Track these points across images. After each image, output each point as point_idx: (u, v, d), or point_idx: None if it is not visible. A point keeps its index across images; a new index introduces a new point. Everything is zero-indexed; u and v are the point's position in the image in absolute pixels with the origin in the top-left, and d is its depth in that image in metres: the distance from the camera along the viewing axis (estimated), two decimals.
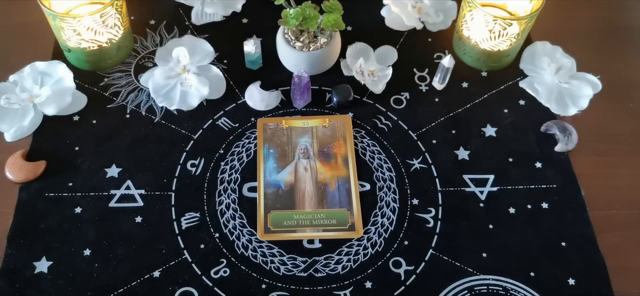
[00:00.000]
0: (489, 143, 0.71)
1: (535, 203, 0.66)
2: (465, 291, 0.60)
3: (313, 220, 0.64)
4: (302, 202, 0.65)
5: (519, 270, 0.61)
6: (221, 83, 0.75)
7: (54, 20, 0.70)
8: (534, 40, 0.80)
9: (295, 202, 0.65)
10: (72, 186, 0.66)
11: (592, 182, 0.68)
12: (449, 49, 0.81)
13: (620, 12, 0.88)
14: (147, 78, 0.74)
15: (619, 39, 0.84)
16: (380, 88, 0.74)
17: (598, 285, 0.61)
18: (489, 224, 0.65)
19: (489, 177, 0.68)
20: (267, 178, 0.67)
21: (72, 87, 0.72)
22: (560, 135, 0.71)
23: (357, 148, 0.70)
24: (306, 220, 0.64)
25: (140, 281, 0.60)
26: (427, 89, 0.76)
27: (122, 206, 0.65)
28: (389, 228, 0.64)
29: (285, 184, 0.67)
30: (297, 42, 0.74)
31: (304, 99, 0.73)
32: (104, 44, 0.73)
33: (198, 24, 0.81)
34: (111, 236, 0.62)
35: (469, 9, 0.74)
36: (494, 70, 0.78)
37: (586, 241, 0.64)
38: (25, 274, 0.60)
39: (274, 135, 0.71)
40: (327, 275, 0.61)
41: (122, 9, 0.73)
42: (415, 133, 0.72)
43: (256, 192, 0.66)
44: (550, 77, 0.75)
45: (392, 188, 0.67)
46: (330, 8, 0.71)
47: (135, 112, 0.72)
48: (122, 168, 0.67)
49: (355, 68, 0.73)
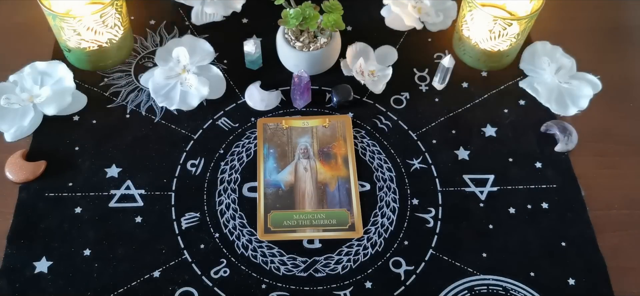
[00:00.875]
0: (489, 143, 0.71)
1: (535, 203, 0.66)
2: (465, 291, 0.60)
3: (313, 220, 0.64)
4: (302, 202, 0.65)
5: (519, 270, 0.61)
6: (221, 83, 0.75)
7: (54, 20, 0.70)
8: (534, 40, 0.80)
9: (295, 202, 0.65)
10: (72, 186, 0.66)
11: (592, 182, 0.68)
12: (449, 49, 0.81)
13: (620, 12, 0.88)
14: (147, 78, 0.74)
15: (619, 39, 0.84)
16: (380, 88, 0.74)
17: (598, 285, 0.61)
18: (489, 224, 0.65)
19: (489, 177, 0.68)
20: (267, 178, 0.67)
21: (72, 87, 0.72)
22: (560, 135, 0.71)
23: (357, 148, 0.70)
24: (306, 220, 0.64)
25: (140, 281, 0.60)
26: (427, 89, 0.76)
27: (122, 206, 0.65)
28: (389, 228, 0.64)
29: (285, 184, 0.67)
30: (297, 42, 0.74)
31: (304, 99, 0.73)
32: (104, 44, 0.73)
33: (198, 24, 0.81)
34: (111, 236, 0.62)
35: (469, 9, 0.74)
36: (494, 70, 0.78)
37: (586, 241, 0.64)
38: (25, 274, 0.60)
39: (274, 135, 0.71)
40: (327, 275, 0.61)
41: (122, 9, 0.73)
42: (415, 133, 0.72)
43: (256, 192, 0.66)
44: (550, 77, 0.75)
45: (392, 188, 0.67)
46: (330, 8, 0.71)
47: (135, 112, 0.72)
48: (122, 168, 0.67)
49: (355, 68, 0.73)
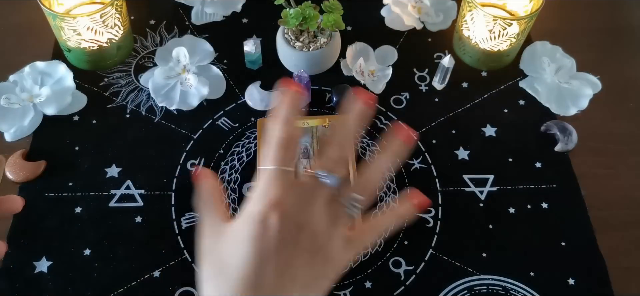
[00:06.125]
0: (488, 143, 0.71)
1: (535, 203, 0.66)
2: (465, 291, 0.60)
3: None
4: None
5: (519, 270, 0.61)
6: (221, 83, 0.75)
7: (54, 20, 0.70)
8: (534, 40, 0.80)
9: None
10: (72, 186, 0.66)
11: (592, 182, 0.68)
12: (449, 49, 0.81)
13: (620, 12, 0.88)
14: (147, 78, 0.74)
15: (619, 39, 0.84)
16: (380, 88, 0.74)
17: (598, 285, 0.61)
18: (489, 224, 0.65)
19: (489, 177, 0.68)
20: None
21: (72, 87, 0.72)
22: (560, 135, 0.71)
23: (357, 148, 0.70)
24: None
25: (140, 281, 0.60)
26: (427, 89, 0.76)
27: (122, 206, 0.65)
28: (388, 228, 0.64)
29: None
30: (297, 42, 0.74)
31: (303, 99, 0.73)
32: (104, 44, 0.73)
33: (198, 24, 0.81)
34: (111, 236, 0.62)
35: (468, 9, 0.74)
36: (494, 70, 0.78)
37: (586, 241, 0.64)
38: (25, 274, 0.60)
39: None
40: None
41: (122, 9, 0.73)
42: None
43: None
44: (550, 77, 0.75)
45: (392, 188, 0.67)
46: (330, 8, 0.71)
47: (135, 112, 0.72)
48: (122, 168, 0.67)
49: (355, 68, 0.73)
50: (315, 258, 0.44)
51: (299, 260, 0.43)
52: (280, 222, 0.43)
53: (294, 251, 0.43)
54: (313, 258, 0.44)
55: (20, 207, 0.52)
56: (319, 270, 0.44)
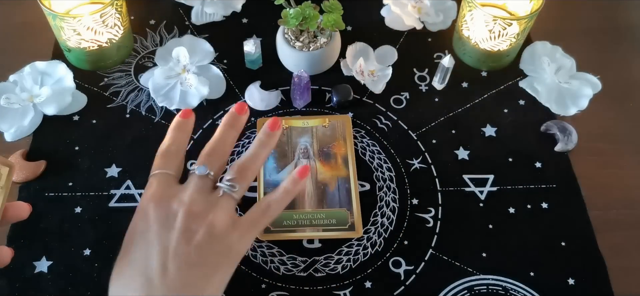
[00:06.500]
0: (488, 143, 0.71)
1: (535, 203, 0.66)
2: (465, 291, 0.60)
3: (313, 219, 0.64)
4: (302, 201, 0.65)
5: (519, 270, 0.61)
6: (221, 83, 0.75)
7: (54, 20, 0.70)
8: (534, 40, 0.80)
9: (295, 202, 0.65)
10: (72, 186, 0.66)
11: (592, 182, 0.68)
12: (449, 49, 0.81)
13: (620, 12, 0.88)
14: (147, 78, 0.74)
15: (619, 39, 0.84)
16: (380, 88, 0.74)
17: (598, 285, 0.61)
18: (488, 224, 0.65)
19: (489, 177, 0.68)
20: (267, 178, 0.67)
21: (72, 87, 0.72)
22: (560, 135, 0.71)
23: (357, 148, 0.70)
24: (306, 219, 0.64)
25: None
26: (427, 89, 0.76)
27: (122, 206, 0.65)
28: (388, 228, 0.64)
29: None
30: (297, 42, 0.74)
31: (303, 99, 0.73)
32: (104, 43, 0.73)
33: (198, 24, 0.81)
34: (111, 236, 0.62)
35: (468, 8, 0.74)
36: (494, 70, 0.78)
37: (586, 241, 0.64)
38: (25, 274, 0.60)
39: None
40: (327, 274, 0.61)
41: (122, 9, 0.73)
42: (415, 133, 0.72)
43: (256, 192, 0.66)
44: (550, 77, 0.75)
45: (392, 188, 0.67)
46: (330, 8, 0.71)
47: (135, 112, 0.72)
48: (122, 168, 0.67)
49: (355, 68, 0.73)
50: (196, 236, 0.49)
51: (181, 238, 0.49)
52: (156, 210, 0.50)
53: (174, 234, 0.49)
54: (193, 236, 0.49)
55: (27, 213, 0.53)
56: (205, 247, 0.49)
